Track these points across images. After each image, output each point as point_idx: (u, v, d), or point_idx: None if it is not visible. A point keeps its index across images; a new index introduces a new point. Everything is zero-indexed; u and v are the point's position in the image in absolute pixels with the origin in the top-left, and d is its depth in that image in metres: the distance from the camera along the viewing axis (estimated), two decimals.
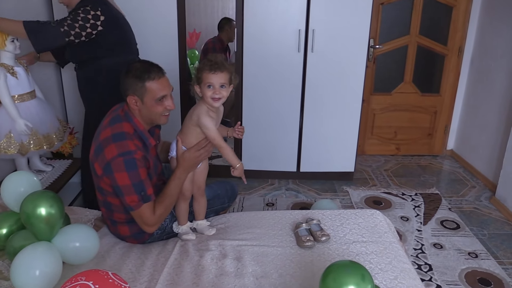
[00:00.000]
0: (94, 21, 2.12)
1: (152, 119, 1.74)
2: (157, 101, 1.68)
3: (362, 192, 3.24)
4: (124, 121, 1.71)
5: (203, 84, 1.68)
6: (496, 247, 2.56)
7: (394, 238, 1.85)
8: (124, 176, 1.62)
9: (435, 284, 2.22)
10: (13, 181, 1.75)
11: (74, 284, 1.17)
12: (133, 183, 1.63)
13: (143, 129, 1.73)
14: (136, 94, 1.67)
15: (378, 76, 3.79)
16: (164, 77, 1.71)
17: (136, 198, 1.65)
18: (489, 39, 3.46)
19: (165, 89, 1.70)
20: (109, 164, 1.63)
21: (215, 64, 1.65)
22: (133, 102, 1.68)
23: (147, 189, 1.68)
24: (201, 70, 1.68)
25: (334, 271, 1.16)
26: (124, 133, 1.67)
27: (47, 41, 2.09)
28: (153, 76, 1.66)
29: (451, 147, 4.03)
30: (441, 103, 3.88)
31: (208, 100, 1.69)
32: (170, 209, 1.79)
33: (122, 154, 1.62)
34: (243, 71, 3.13)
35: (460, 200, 3.16)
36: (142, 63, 1.72)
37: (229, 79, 1.70)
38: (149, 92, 1.66)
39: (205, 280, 1.56)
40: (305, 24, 3.00)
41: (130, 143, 1.65)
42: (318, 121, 3.24)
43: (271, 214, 2.05)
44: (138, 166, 1.64)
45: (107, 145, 1.65)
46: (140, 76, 1.65)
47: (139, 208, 1.67)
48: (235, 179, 1.96)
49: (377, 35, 3.63)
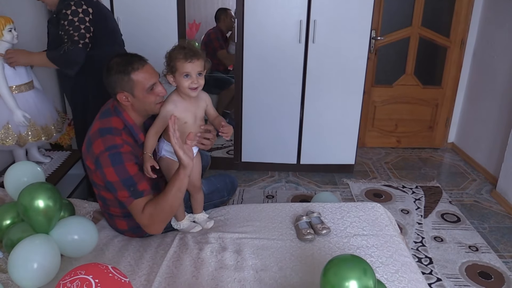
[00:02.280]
0: (88, 16, 2.12)
1: (147, 110, 1.68)
2: (148, 91, 1.63)
3: (363, 185, 3.23)
4: (114, 116, 1.66)
5: (178, 74, 1.59)
6: (496, 241, 2.55)
7: (395, 232, 1.84)
8: (111, 171, 1.58)
9: (435, 277, 2.21)
10: (16, 171, 1.74)
11: (73, 278, 1.15)
12: (121, 179, 1.58)
13: (133, 124, 1.68)
14: (125, 90, 1.61)
15: (380, 68, 3.75)
16: (147, 64, 1.65)
17: (126, 194, 1.60)
18: (492, 31, 3.42)
19: (152, 77, 1.64)
20: (98, 159, 1.59)
21: (190, 52, 1.56)
22: (124, 98, 1.63)
23: (138, 185, 1.60)
24: (175, 59, 1.57)
25: (336, 265, 1.14)
26: (112, 129, 1.62)
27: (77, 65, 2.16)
28: (137, 66, 1.60)
29: (452, 140, 4.01)
30: (443, 95, 3.86)
31: (185, 91, 1.61)
32: (167, 211, 1.64)
33: (108, 149, 1.58)
34: (244, 62, 3.10)
35: (461, 193, 3.15)
36: (121, 56, 1.65)
37: (203, 66, 1.62)
38: (137, 84, 1.60)
39: (205, 273, 1.54)
40: (306, 14, 2.96)
41: (116, 138, 1.60)
42: (319, 113, 3.22)
43: (271, 206, 2.03)
44: (124, 160, 1.58)
45: (95, 139, 1.61)
46: (124, 70, 1.59)
47: (131, 203, 1.62)
48: (235, 172, 1.93)
49: (379, 26, 3.59)
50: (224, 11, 3.76)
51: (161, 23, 2.98)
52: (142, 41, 2.93)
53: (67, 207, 1.76)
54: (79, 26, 2.10)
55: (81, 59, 2.14)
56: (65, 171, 2.49)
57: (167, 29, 2.99)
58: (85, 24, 2.11)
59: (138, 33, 2.93)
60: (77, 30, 2.10)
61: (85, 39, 2.12)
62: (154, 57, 2.52)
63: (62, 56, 2.11)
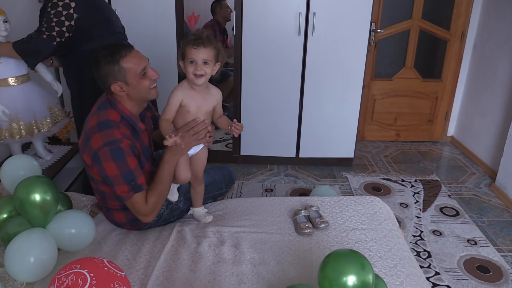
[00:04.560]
0: (67, 10, 2.05)
1: (143, 97, 1.67)
2: (140, 75, 1.62)
3: (362, 178, 3.22)
4: (110, 108, 1.65)
5: (186, 59, 1.61)
6: (495, 234, 2.55)
7: (393, 226, 1.83)
8: (112, 166, 1.57)
9: (433, 271, 2.21)
10: (13, 165, 1.73)
11: (68, 272, 1.15)
12: (121, 173, 1.58)
13: (130, 114, 1.67)
14: (118, 79, 1.60)
15: (379, 61, 3.73)
16: (134, 49, 1.65)
17: (126, 188, 1.60)
18: (492, 24, 3.40)
19: (142, 61, 1.64)
20: (97, 154, 1.58)
21: (199, 39, 1.57)
22: (119, 89, 1.62)
23: (138, 179, 1.62)
24: (185, 45, 1.60)
25: (334, 260, 1.14)
26: (110, 121, 1.61)
27: (38, 55, 2.09)
28: (124, 53, 1.60)
29: (451, 134, 4.00)
30: (443, 89, 3.84)
31: (190, 76, 1.61)
32: (165, 196, 1.73)
33: (108, 144, 1.57)
34: (242, 54, 3.08)
35: (460, 187, 3.14)
36: (106, 48, 1.64)
37: (214, 56, 1.61)
38: (128, 70, 1.60)
39: (202, 267, 1.54)
40: (305, 7, 2.93)
41: (116, 132, 1.59)
42: (318, 106, 3.20)
43: (270, 200, 2.03)
44: (125, 155, 1.58)
45: (93, 134, 1.60)
46: (113, 60, 1.58)
47: (131, 198, 1.62)
48: (234, 165, 1.92)
49: (378, 19, 3.56)
50: (218, 2, 3.73)
51: (159, 15, 2.95)
52: (140, 33, 2.89)
53: (65, 201, 1.75)
54: (52, 19, 2.04)
55: (43, 49, 2.06)
56: (62, 164, 2.48)
57: (165, 21, 2.95)
58: (59, 17, 2.04)
59: (135, 25, 2.90)
60: (48, 22, 2.04)
61: (52, 32, 2.04)
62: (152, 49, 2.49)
63: (24, 43, 2.06)
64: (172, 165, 1.70)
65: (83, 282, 1.11)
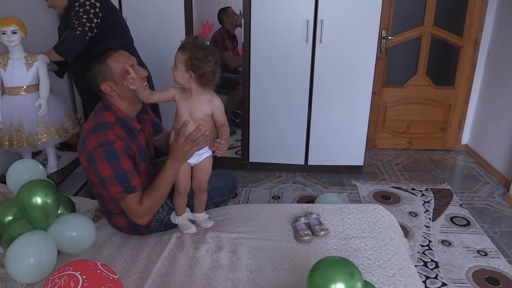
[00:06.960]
0: (94, 9, 2.23)
1: (133, 95, 1.67)
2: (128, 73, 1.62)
3: (371, 187, 3.18)
4: (105, 111, 1.69)
5: None
6: (507, 245, 2.48)
7: (395, 234, 1.80)
8: (106, 167, 1.60)
9: (440, 282, 2.16)
10: (18, 169, 1.77)
11: (61, 274, 1.17)
12: (115, 174, 1.61)
13: (124, 115, 1.70)
14: (106, 78, 1.64)
15: (391, 68, 3.69)
16: (120, 50, 1.70)
17: (119, 189, 1.63)
18: (506, 30, 3.33)
19: (128, 59, 1.67)
20: (92, 155, 1.61)
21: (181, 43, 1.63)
22: (108, 89, 1.66)
23: (131, 180, 1.64)
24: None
25: (322, 267, 1.13)
26: (105, 123, 1.64)
27: (73, 49, 2.24)
28: (110, 53, 1.65)
29: (465, 142, 3.92)
30: (456, 96, 3.77)
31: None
32: (161, 202, 1.75)
33: (102, 145, 1.60)
34: (251, 62, 3.09)
35: (472, 196, 3.07)
36: (95, 52, 1.70)
37: (184, 62, 1.58)
38: (115, 68, 1.64)
39: (199, 272, 1.54)
40: (313, 14, 2.94)
41: (110, 133, 1.62)
42: (327, 114, 3.19)
43: (271, 207, 2.02)
44: (119, 156, 1.61)
45: (89, 136, 1.64)
46: (99, 60, 1.64)
47: (124, 199, 1.65)
48: (242, 172, 1.90)
49: (389, 26, 3.53)
50: (224, 10, 3.76)
51: (169, 23, 3.00)
52: (150, 42, 2.96)
53: (68, 204, 1.78)
54: (82, 16, 2.20)
55: (77, 44, 2.22)
56: (72, 169, 2.53)
57: (174, 29, 3.00)
58: (88, 15, 2.20)
59: (145, 33, 2.96)
60: (79, 19, 2.20)
61: (84, 27, 2.20)
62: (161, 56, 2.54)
63: (61, 43, 2.24)
64: (173, 172, 1.72)
65: (74, 284, 1.13)
